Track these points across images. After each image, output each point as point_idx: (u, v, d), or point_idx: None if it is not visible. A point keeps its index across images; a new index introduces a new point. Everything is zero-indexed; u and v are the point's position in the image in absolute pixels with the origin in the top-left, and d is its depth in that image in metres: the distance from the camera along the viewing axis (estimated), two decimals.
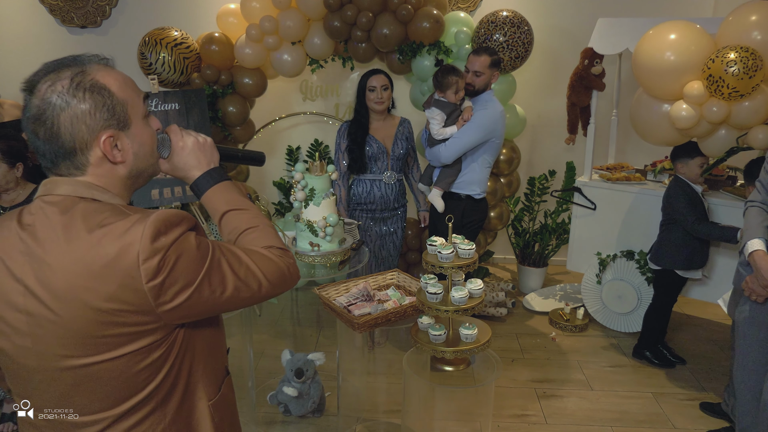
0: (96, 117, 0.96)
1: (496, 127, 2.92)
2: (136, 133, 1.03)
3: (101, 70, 0.99)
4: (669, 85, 2.84)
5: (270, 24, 3.38)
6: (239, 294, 1.02)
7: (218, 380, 1.16)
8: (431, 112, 2.93)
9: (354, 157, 3.10)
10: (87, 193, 0.98)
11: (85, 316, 0.92)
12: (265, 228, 1.16)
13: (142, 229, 0.91)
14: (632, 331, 3.56)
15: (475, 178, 3.02)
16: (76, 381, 0.96)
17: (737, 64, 2.55)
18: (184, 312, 0.97)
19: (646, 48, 2.88)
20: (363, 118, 3.11)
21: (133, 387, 0.99)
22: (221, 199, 1.16)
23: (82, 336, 0.93)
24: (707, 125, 2.81)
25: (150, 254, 0.91)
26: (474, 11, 4.19)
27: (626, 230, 3.54)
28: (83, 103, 0.95)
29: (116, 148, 1.00)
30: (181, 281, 0.94)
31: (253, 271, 1.04)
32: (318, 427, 2.77)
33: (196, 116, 3.44)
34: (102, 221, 0.94)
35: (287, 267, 1.12)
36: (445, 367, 2.11)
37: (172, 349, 1.02)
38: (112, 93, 0.98)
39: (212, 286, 0.98)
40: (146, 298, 0.92)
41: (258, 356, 3.34)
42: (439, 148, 2.94)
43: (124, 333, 0.94)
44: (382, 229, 3.26)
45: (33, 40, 4.31)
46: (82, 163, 0.99)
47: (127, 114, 1.00)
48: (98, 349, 0.94)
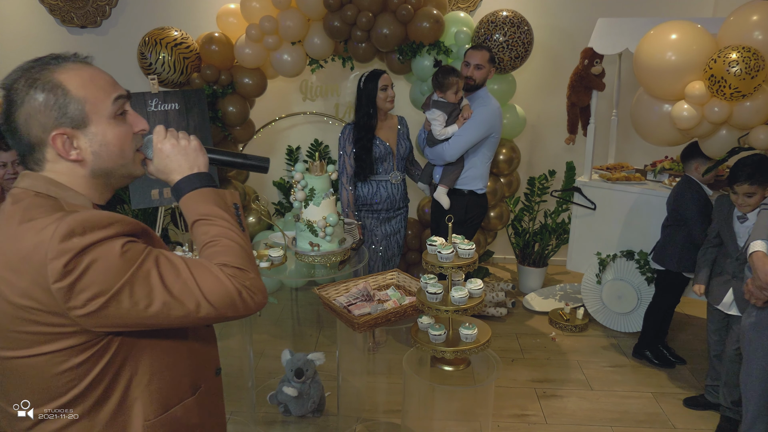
0: (48, 115, 0.97)
1: (496, 122, 3.01)
2: (96, 132, 1.01)
3: (68, 69, 1.00)
4: (670, 85, 2.84)
5: (270, 24, 3.38)
6: (169, 311, 0.94)
7: (170, 399, 1.08)
8: (432, 113, 2.97)
9: (361, 163, 3.08)
10: (44, 188, 0.99)
11: (3, 309, 0.93)
12: (226, 245, 1.05)
13: (55, 227, 0.90)
14: (632, 331, 3.56)
15: (477, 174, 3.10)
16: (3, 371, 0.98)
17: (739, 64, 2.55)
18: (100, 321, 0.92)
19: (648, 48, 2.87)
20: (372, 119, 3.08)
21: (54, 389, 0.97)
22: (192, 208, 1.10)
23: (2, 328, 0.94)
24: (709, 125, 2.80)
25: (57, 254, 0.88)
26: (474, 11, 4.19)
27: (626, 230, 3.54)
28: (35, 101, 0.97)
29: (72, 147, 1.00)
30: (94, 288, 0.90)
31: (190, 288, 0.96)
32: (318, 427, 2.77)
33: (196, 116, 3.44)
34: (33, 215, 0.94)
35: (238, 290, 0.99)
36: (445, 367, 2.11)
37: (102, 358, 0.98)
38: (68, 91, 0.98)
39: (134, 298, 0.92)
40: (54, 299, 0.90)
41: (258, 356, 3.34)
42: (443, 147, 2.99)
43: (39, 332, 0.93)
44: (386, 229, 3.25)
45: (33, 40, 4.30)
46: (39, 159, 1.01)
47: (85, 113, 1.00)
48: (17, 343, 0.94)
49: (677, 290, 3.18)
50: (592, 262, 3.68)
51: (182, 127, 3.42)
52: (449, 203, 3.10)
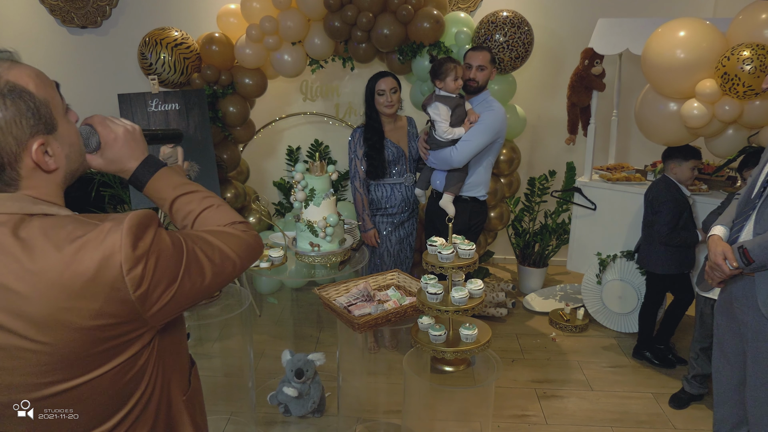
0: (22, 125, 0.86)
1: (503, 127, 2.92)
2: (63, 133, 0.94)
3: (12, 69, 0.88)
4: (680, 83, 2.80)
5: (270, 24, 3.38)
6: (216, 279, 1.00)
7: (186, 372, 1.13)
8: (435, 108, 2.84)
9: (374, 162, 3.03)
10: (35, 208, 0.89)
11: (72, 338, 0.85)
12: (220, 205, 1.13)
13: (119, 238, 0.85)
14: (632, 331, 3.56)
15: (480, 180, 3.01)
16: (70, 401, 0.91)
17: (754, 61, 2.53)
18: (169, 310, 0.94)
19: (656, 46, 2.84)
20: (375, 122, 3.04)
21: (120, 400, 0.95)
22: (167, 186, 1.10)
23: (71, 359, 0.87)
24: (719, 124, 2.77)
25: (134, 263, 0.86)
26: (474, 11, 4.19)
27: (626, 230, 3.54)
28: (6, 112, 0.85)
29: (47, 155, 0.91)
30: (165, 282, 0.90)
31: (226, 252, 1.02)
32: (318, 428, 2.77)
33: (196, 116, 3.44)
34: (69, 236, 0.86)
35: (254, 239, 1.10)
36: (445, 367, 2.11)
37: (153, 353, 0.98)
38: (33, 94, 0.88)
39: (192, 278, 0.95)
40: (134, 307, 0.88)
41: (258, 356, 3.33)
42: (449, 153, 2.86)
43: (113, 345, 0.90)
44: (400, 233, 3.22)
45: (33, 40, 4.30)
46: (12, 178, 0.89)
47: (52, 114, 0.91)
48: (88, 367, 0.88)
49: (666, 290, 3.22)
50: (593, 263, 3.68)
51: (182, 128, 3.42)
52: (454, 212, 2.97)
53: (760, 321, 1.96)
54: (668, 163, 3.05)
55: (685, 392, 2.91)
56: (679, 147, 3.04)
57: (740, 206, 2.06)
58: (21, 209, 0.88)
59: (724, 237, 2.08)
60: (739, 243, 1.97)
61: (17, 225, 0.87)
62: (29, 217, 0.89)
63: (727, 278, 2.05)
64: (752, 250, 1.89)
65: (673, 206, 2.98)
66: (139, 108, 3.33)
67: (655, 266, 3.13)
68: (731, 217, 2.10)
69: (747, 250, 1.91)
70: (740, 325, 2.07)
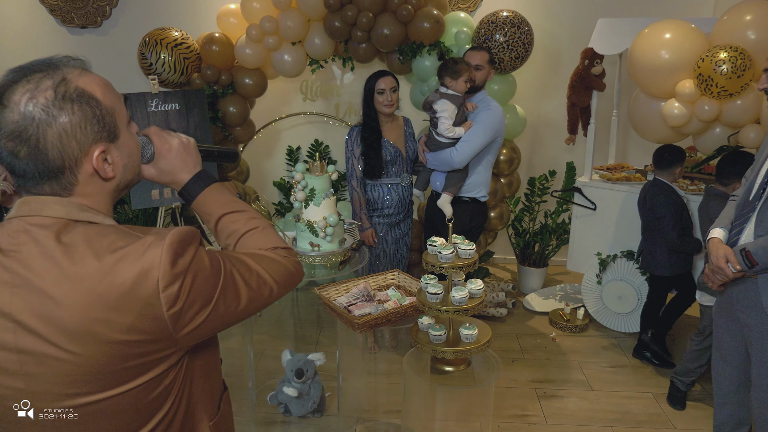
0: (87, 130, 0.87)
1: (501, 125, 2.91)
2: (124, 143, 0.95)
3: (82, 76, 0.89)
4: (663, 83, 2.85)
5: (270, 24, 3.39)
6: (252, 304, 0.98)
7: (217, 397, 1.10)
8: (443, 104, 2.79)
9: (370, 162, 3.02)
10: (81, 215, 0.89)
11: (101, 351, 0.84)
12: (265, 228, 1.11)
13: (160, 253, 0.84)
14: (632, 331, 3.56)
15: (481, 180, 2.99)
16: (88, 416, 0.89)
17: (726, 63, 2.57)
18: (201, 332, 0.92)
19: (641, 46, 2.89)
20: (373, 121, 3.03)
21: (141, 419, 0.93)
22: (216, 202, 1.10)
23: (96, 372, 0.85)
24: (699, 123, 2.82)
25: (171, 280, 0.85)
26: (474, 11, 4.19)
27: (626, 230, 3.54)
28: (72, 116, 0.86)
29: (107, 163, 0.91)
30: (199, 302, 0.89)
31: (264, 278, 1.00)
32: (318, 428, 2.77)
33: (196, 116, 3.44)
34: (111, 245, 0.86)
35: (294, 267, 1.08)
36: (445, 367, 2.11)
37: (180, 373, 0.96)
38: (100, 101, 0.89)
39: (227, 301, 0.93)
40: (166, 325, 0.86)
41: (258, 356, 3.33)
42: (450, 154, 2.84)
43: (140, 363, 0.88)
44: (396, 233, 3.21)
45: (33, 40, 4.31)
46: (70, 182, 0.89)
47: (116, 123, 0.92)
48: (112, 383, 0.87)
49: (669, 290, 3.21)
50: (593, 263, 3.68)
51: (183, 128, 3.42)
52: (452, 212, 2.95)
53: (765, 322, 1.95)
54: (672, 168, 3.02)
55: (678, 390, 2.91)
56: (670, 151, 3.03)
57: (738, 208, 2.03)
58: (67, 214, 0.88)
59: (724, 239, 2.06)
60: (741, 245, 1.95)
61: (61, 230, 0.87)
62: (74, 222, 0.89)
63: (728, 281, 2.03)
64: (755, 252, 1.87)
65: (674, 209, 2.98)
66: (139, 108, 3.33)
67: (662, 269, 3.12)
68: (729, 219, 2.08)
69: (750, 252, 1.89)
70: (743, 327, 2.06)
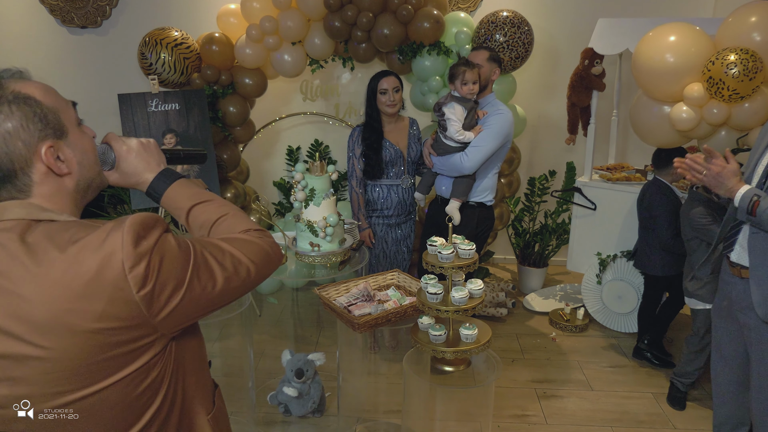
0: (30, 129, 0.89)
1: (511, 130, 2.84)
2: (74, 140, 0.96)
3: (19, 81, 0.92)
4: (669, 87, 2.84)
5: (270, 24, 3.38)
6: (230, 285, 0.98)
7: (210, 393, 1.11)
8: (451, 107, 2.71)
9: (371, 162, 3.01)
10: (43, 215, 0.91)
11: (76, 343, 0.84)
12: (236, 213, 1.12)
13: (121, 236, 0.85)
14: (632, 331, 3.56)
15: (488, 185, 2.92)
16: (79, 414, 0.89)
17: (737, 66, 2.55)
18: (179, 317, 0.92)
19: (646, 50, 2.88)
20: (375, 122, 3.02)
21: (133, 414, 0.92)
22: (183, 196, 1.11)
23: (77, 365, 0.85)
24: (707, 127, 2.81)
25: (136, 260, 0.84)
26: (474, 11, 4.19)
27: (626, 230, 3.54)
28: (11, 118, 0.87)
29: (59, 160, 0.93)
30: (171, 283, 0.88)
31: (238, 258, 1.00)
32: (318, 427, 2.77)
33: (196, 116, 3.44)
34: (71, 237, 0.86)
35: (269, 246, 1.08)
36: (445, 367, 2.11)
37: (168, 365, 0.95)
38: (39, 101, 0.91)
39: (202, 282, 0.93)
40: (139, 309, 0.86)
41: (258, 356, 3.33)
42: (460, 159, 2.75)
43: (121, 352, 0.87)
44: (397, 234, 3.20)
45: (33, 40, 4.31)
46: (25, 184, 0.91)
47: (61, 121, 0.93)
48: (95, 376, 0.87)
49: (664, 290, 3.22)
50: (593, 263, 3.68)
51: (182, 128, 3.42)
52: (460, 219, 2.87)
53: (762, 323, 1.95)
54: (669, 168, 3.03)
55: (678, 390, 2.91)
56: (668, 150, 3.03)
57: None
58: (28, 215, 0.90)
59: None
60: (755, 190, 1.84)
61: (24, 230, 0.88)
62: (36, 222, 0.90)
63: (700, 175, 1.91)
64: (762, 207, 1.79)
65: (670, 210, 3.00)
66: (139, 108, 3.33)
67: (655, 269, 3.14)
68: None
69: (759, 201, 1.80)
70: (742, 327, 2.06)
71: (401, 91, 3.02)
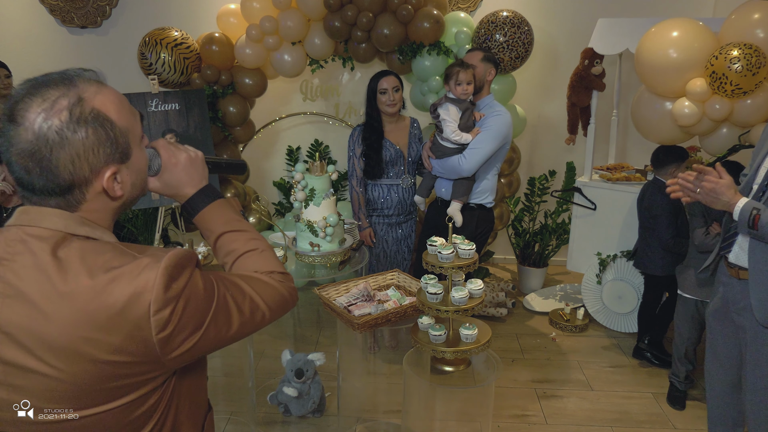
0: (99, 153, 0.87)
1: (510, 131, 2.82)
2: (134, 162, 0.94)
3: (98, 93, 0.88)
4: (672, 82, 2.83)
5: (270, 24, 3.39)
6: (243, 329, 0.97)
7: (201, 418, 1.09)
8: (445, 108, 2.70)
9: (371, 162, 3.01)
10: (80, 229, 0.89)
11: (86, 370, 0.84)
12: (263, 250, 1.09)
13: (155, 276, 0.84)
14: (632, 331, 3.56)
15: (488, 186, 2.90)
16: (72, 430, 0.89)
17: (740, 60, 2.54)
18: (189, 357, 0.91)
19: (649, 45, 2.87)
20: (375, 121, 3.02)
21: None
22: (218, 220, 1.09)
23: (81, 390, 0.85)
24: (709, 123, 2.80)
25: (162, 305, 0.84)
26: (474, 11, 4.19)
27: (626, 230, 3.54)
28: (86, 140, 0.85)
29: (116, 182, 0.91)
30: (190, 327, 0.88)
31: (257, 303, 0.99)
32: (318, 428, 2.77)
33: (196, 116, 3.44)
34: (105, 264, 0.85)
35: (288, 292, 1.06)
36: (445, 367, 2.11)
37: (165, 394, 0.95)
38: (114, 123, 0.89)
39: (218, 326, 0.92)
40: (154, 349, 0.85)
41: (258, 356, 3.33)
42: (458, 161, 2.74)
43: (126, 384, 0.87)
44: (397, 233, 3.20)
45: (33, 40, 4.31)
46: (77, 200, 0.89)
47: (129, 143, 0.92)
48: (96, 401, 0.86)
49: (664, 289, 3.22)
50: (593, 263, 3.68)
51: (182, 128, 3.42)
52: (462, 220, 2.85)
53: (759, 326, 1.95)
54: (667, 168, 3.03)
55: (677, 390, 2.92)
56: (672, 151, 3.02)
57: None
58: (65, 227, 0.88)
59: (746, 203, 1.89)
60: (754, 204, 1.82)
61: (58, 243, 0.86)
62: (71, 237, 0.88)
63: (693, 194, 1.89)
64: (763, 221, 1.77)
65: (670, 210, 2.99)
66: (138, 108, 3.33)
67: (654, 269, 3.14)
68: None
69: (760, 215, 1.78)
70: (738, 329, 2.06)
71: (401, 91, 3.02)
